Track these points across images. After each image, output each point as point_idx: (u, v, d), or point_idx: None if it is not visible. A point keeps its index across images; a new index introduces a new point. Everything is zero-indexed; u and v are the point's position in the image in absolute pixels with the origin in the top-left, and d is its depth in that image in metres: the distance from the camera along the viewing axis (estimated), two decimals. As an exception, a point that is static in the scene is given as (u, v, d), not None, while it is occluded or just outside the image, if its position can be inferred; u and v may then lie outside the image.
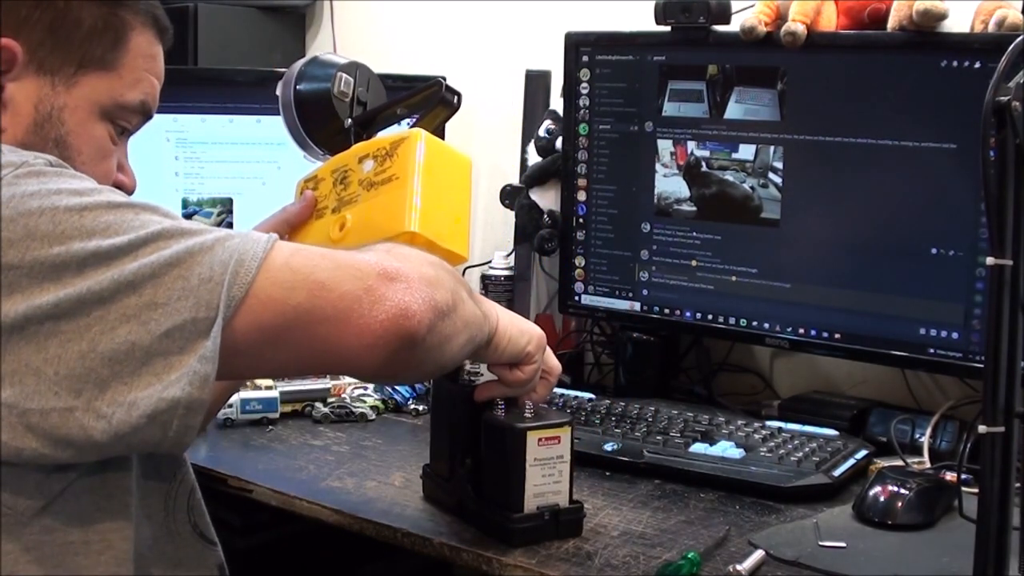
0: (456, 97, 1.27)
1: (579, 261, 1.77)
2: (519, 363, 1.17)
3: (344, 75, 1.28)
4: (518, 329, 1.16)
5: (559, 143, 1.79)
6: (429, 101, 1.27)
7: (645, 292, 1.71)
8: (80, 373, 0.85)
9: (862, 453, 1.45)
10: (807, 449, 1.42)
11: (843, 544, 1.20)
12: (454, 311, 0.98)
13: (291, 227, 1.27)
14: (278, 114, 1.29)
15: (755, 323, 1.62)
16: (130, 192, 1.11)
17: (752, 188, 1.60)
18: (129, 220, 0.89)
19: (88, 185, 0.91)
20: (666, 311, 1.70)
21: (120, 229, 0.88)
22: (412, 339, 0.92)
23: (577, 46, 1.73)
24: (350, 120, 1.28)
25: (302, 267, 0.92)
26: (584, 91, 1.73)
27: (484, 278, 1.88)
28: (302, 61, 1.31)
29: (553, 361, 1.24)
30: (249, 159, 1.91)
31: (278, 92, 1.29)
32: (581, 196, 1.75)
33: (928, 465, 1.47)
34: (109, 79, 1.04)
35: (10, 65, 0.98)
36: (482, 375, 1.23)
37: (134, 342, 0.85)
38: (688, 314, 1.68)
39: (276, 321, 0.90)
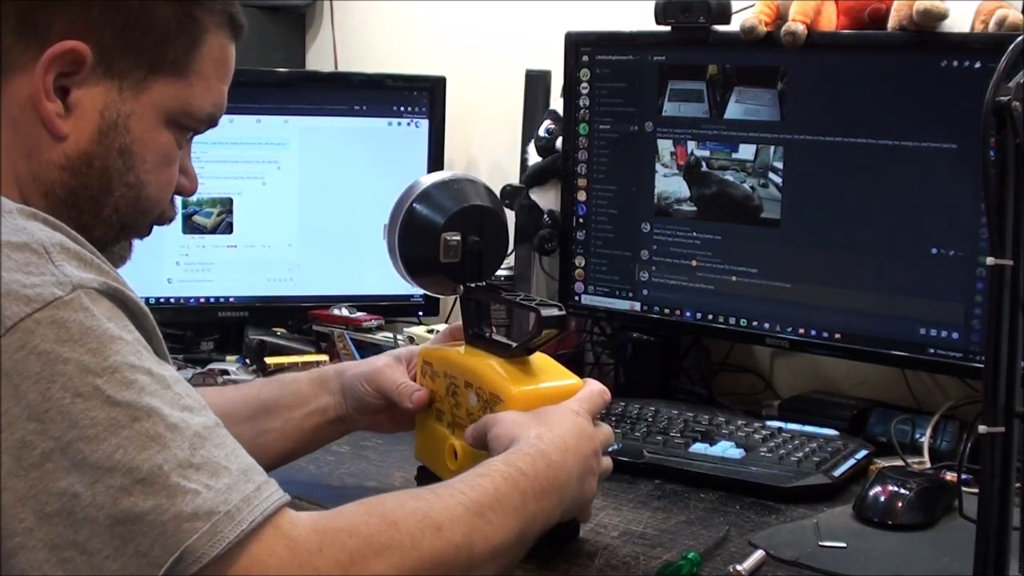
0: (559, 318, 1.16)
1: (579, 261, 1.77)
2: None
3: (448, 236, 1.19)
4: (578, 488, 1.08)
5: (559, 143, 1.79)
6: (536, 330, 1.17)
7: (645, 292, 1.71)
8: None
9: (862, 453, 1.45)
10: (807, 449, 1.42)
11: (843, 544, 1.20)
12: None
13: (400, 394, 1.24)
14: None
15: (755, 323, 1.62)
16: (190, 194, 1.06)
17: (752, 188, 1.60)
18: (119, 428, 0.80)
19: (104, 359, 0.82)
20: (666, 311, 1.70)
21: (104, 435, 0.80)
22: None
23: (577, 46, 1.73)
24: (463, 288, 1.23)
25: None
26: (584, 91, 1.73)
27: (484, 278, 1.88)
28: (436, 179, 1.23)
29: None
30: (249, 159, 1.91)
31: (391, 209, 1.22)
32: (581, 196, 1.75)
33: (928, 465, 1.47)
34: (179, 86, 0.98)
35: (77, 68, 0.93)
36: None
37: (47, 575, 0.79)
38: (688, 314, 1.68)
39: None
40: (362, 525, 0.88)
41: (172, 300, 1.90)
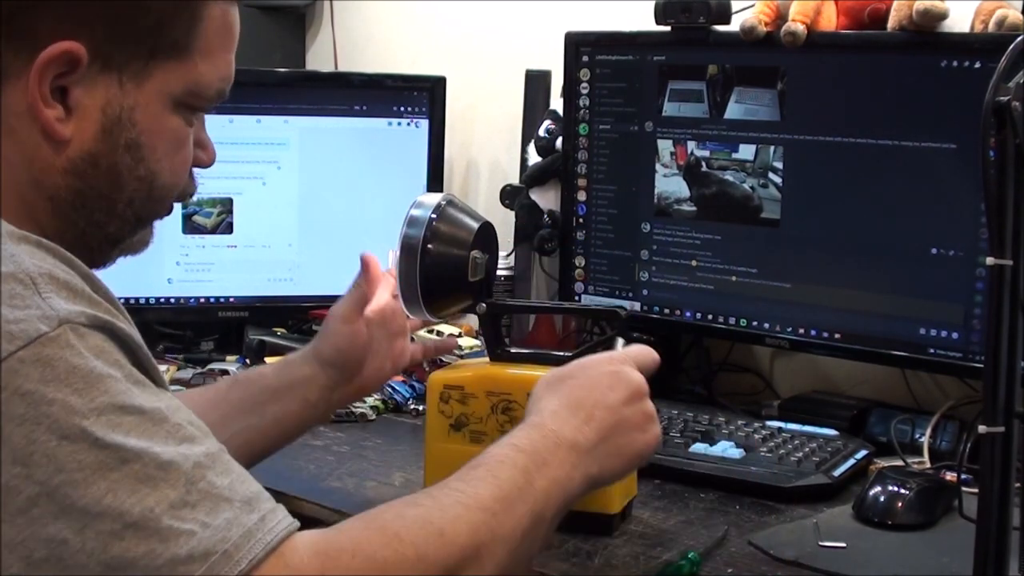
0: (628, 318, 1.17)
1: (579, 261, 1.77)
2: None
3: (476, 254, 1.19)
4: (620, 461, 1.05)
5: (559, 143, 1.79)
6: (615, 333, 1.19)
7: (645, 292, 1.71)
8: None
9: (862, 453, 1.45)
10: (807, 449, 1.42)
11: (843, 544, 1.20)
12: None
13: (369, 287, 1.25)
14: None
15: (755, 323, 1.62)
16: (209, 165, 1.03)
17: (752, 188, 1.60)
18: (107, 471, 0.77)
19: (91, 400, 0.78)
20: (666, 311, 1.70)
21: (92, 479, 0.77)
22: None
23: (577, 46, 1.73)
24: (483, 306, 1.22)
25: None
26: (584, 91, 1.73)
27: (484, 278, 1.88)
28: (437, 201, 1.21)
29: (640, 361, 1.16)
30: (249, 159, 1.91)
31: (402, 233, 1.19)
32: (581, 196, 1.75)
33: (928, 465, 1.47)
34: (184, 66, 0.92)
35: (73, 67, 0.88)
36: None
37: None
38: (688, 314, 1.68)
39: None
40: (364, 542, 0.85)
41: (172, 300, 1.90)
